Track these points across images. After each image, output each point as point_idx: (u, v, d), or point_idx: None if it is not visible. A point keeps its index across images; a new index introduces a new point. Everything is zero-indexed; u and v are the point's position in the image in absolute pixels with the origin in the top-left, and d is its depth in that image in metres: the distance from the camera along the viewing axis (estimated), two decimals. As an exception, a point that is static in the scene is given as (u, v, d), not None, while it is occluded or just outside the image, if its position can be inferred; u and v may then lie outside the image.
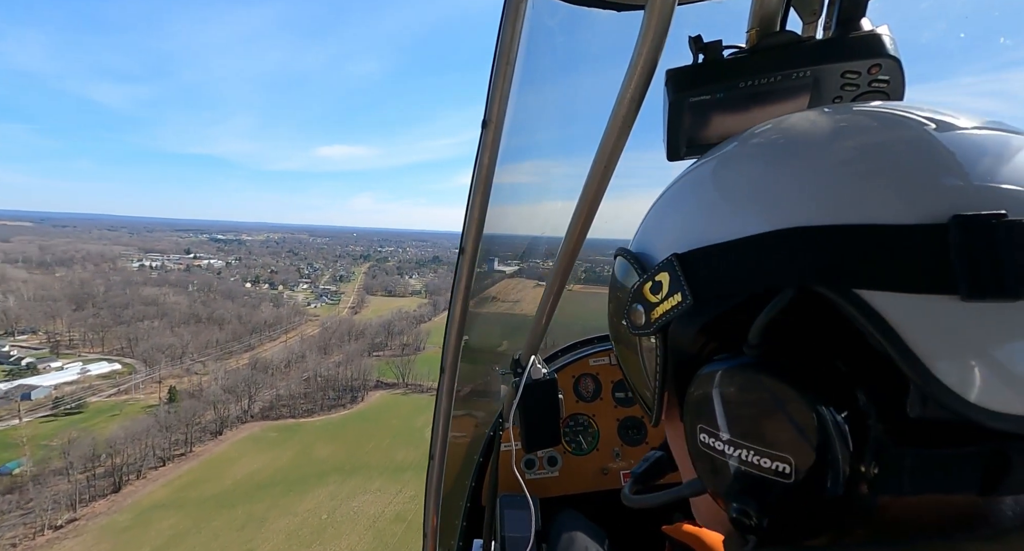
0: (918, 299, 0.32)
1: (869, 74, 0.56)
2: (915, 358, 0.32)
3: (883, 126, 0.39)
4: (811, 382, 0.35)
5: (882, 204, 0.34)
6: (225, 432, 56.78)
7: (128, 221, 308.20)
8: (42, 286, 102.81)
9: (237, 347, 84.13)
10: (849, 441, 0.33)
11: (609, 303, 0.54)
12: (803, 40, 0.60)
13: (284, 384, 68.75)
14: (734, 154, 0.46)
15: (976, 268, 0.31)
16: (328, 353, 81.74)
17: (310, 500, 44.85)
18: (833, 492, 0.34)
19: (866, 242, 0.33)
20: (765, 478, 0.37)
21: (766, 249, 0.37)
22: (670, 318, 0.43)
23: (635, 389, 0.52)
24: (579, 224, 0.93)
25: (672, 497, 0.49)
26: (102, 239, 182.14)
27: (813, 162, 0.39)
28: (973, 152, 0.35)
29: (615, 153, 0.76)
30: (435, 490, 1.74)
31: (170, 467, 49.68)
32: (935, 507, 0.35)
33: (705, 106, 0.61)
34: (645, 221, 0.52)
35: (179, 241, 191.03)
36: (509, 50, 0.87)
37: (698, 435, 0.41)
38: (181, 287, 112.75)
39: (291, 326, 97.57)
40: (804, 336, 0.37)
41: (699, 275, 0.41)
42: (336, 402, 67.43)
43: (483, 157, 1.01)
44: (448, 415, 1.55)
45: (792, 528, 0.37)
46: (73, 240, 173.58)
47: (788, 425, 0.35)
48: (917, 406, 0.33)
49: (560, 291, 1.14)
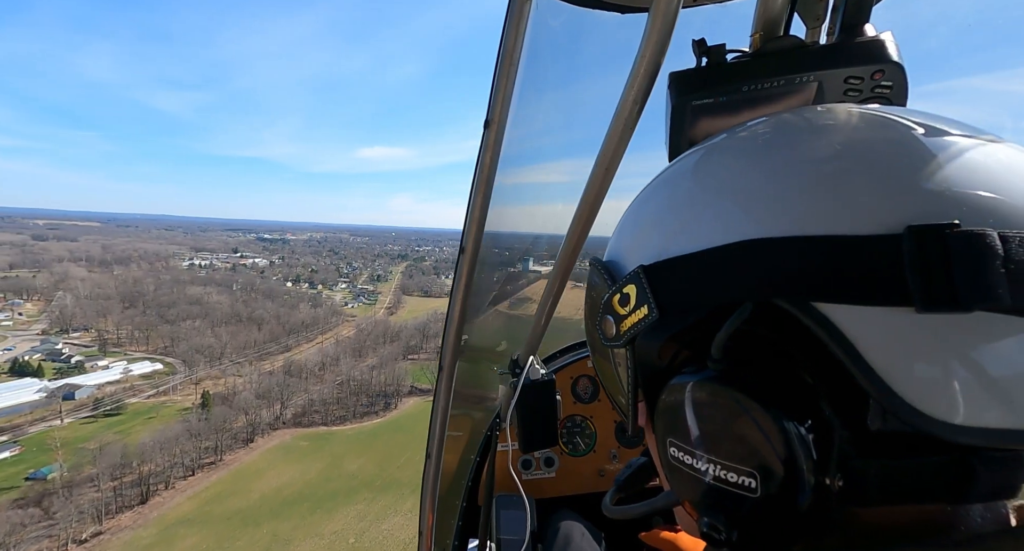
0: (875, 312, 0.32)
1: (872, 80, 0.56)
2: (872, 371, 0.32)
3: (844, 130, 0.39)
4: (774, 394, 0.35)
5: (838, 214, 0.34)
6: (256, 439, 55.14)
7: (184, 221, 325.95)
8: (98, 284, 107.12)
9: (274, 348, 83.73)
10: (813, 453, 0.33)
11: (585, 310, 0.54)
12: (807, 45, 0.60)
13: (317, 389, 66.95)
14: (695, 161, 0.46)
15: (929, 279, 0.30)
16: (362, 356, 79.88)
17: (338, 520, 41.88)
18: (800, 504, 0.34)
19: (823, 254, 0.33)
20: (732, 492, 0.36)
21: (726, 262, 0.37)
22: (638, 331, 0.43)
23: (611, 396, 0.53)
24: (580, 225, 0.93)
25: (648, 509, 0.49)
26: (159, 238, 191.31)
27: (770, 169, 0.38)
28: (931, 158, 0.34)
29: (617, 155, 0.77)
30: (431, 489, 1.73)
31: (199, 477, 48.17)
32: (906, 515, 0.35)
33: (708, 109, 0.61)
34: (616, 229, 0.52)
35: (228, 240, 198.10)
36: (512, 51, 0.87)
37: (668, 448, 0.41)
38: (225, 286, 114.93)
39: (327, 327, 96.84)
40: (767, 348, 0.37)
41: (664, 288, 0.41)
42: (369, 409, 64.97)
43: (484, 157, 1.02)
44: (446, 414, 1.55)
45: (762, 540, 0.37)
46: (133, 239, 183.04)
47: (751, 438, 0.35)
48: (878, 419, 0.33)
49: (560, 292, 1.15)
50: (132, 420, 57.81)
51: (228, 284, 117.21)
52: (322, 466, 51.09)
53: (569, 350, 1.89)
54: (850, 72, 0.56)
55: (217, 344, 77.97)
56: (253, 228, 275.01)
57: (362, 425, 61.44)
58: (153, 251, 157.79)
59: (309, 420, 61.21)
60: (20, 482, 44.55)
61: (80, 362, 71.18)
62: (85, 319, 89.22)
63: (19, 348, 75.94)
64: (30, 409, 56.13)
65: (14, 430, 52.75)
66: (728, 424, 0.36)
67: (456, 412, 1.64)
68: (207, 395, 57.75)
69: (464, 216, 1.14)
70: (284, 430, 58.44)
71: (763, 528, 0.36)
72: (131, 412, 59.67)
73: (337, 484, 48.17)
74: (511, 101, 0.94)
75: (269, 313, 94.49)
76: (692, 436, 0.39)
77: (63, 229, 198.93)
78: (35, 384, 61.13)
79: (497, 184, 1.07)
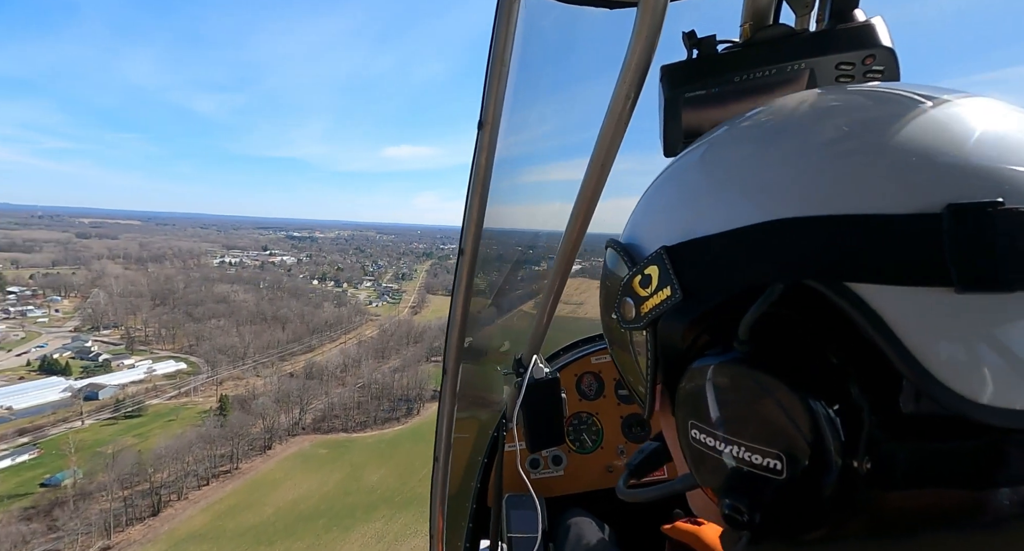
0: (911, 292, 0.31)
1: (864, 65, 0.56)
2: (908, 353, 0.31)
3: (875, 107, 0.38)
4: (802, 377, 0.34)
5: (873, 193, 0.33)
6: (274, 446, 53.02)
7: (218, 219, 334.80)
8: (132, 282, 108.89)
9: (297, 348, 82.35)
10: (841, 435, 0.33)
11: (600, 295, 0.53)
12: (797, 33, 0.60)
13: (338, 392, 64.68)
14: (721, 140, 0.45)
15: (971, 259, 0.29)
16: (385, 358, 77.45)
17: (354, 540, 38.95)
18: (826, 487, 0.33)
19: (857, 234, 0.32)
20: (756, 474, 0.36)
21: (755, 242, 0.36)
22: (660, 312, 0.42)
23: (628, 382, 0.52)
24: (577, 223, 0.93)
25: (665, 491, 0.48)
26: (194, 236, 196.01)
27: (801, 147, 0.38)
28: (969, 134, 0.33)
29: (611, 151, 0.76)
30: (440, 492, 1.74)
31: (214, 486, 46.18)
32: (932, 499, 0.34)
33: (701, 101, 0.61)
34: (635, 211, 0.51)
35: (259, 238, 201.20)
36: (503, 51, 0.87)
37: (689, 431, 0.40)
38: (252, 285, 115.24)
39: (351, 326, 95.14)
40: (795, 329, 0.36)
41: (688, 269, 0.40)
42: (390, 415, 62.25)
43: (480, 158, 1.02)
44: (451, 416, 1.55)
45: (786, 523, 0.36)
46: (169, 237, 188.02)
47: (779, 421, 0.34)
48: (911, 401, 0.33)
49: (560, 290, 1.15)
50: (152, 422, 56.76)
51: (255, 282, 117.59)
52: (341, 477, 48.43)
53: (572, 347, 1.88)
54: (841, 58, 0.56)
55: (240, 344, 77.02)
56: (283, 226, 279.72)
57: (383, 432, 58.73)
58: (187, 249, 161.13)
59: (329, 426, 58.89)
60: (35, 488, 43.52)
61: (107, 360, 71.25)
62: (116, 316, 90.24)
63: (51, 345, 76.97)
64: (52, 409, 55.73)
65: (36, 431, 52.24)
66: (754, 406, 0.36)
67: (462, 414, 1.64)
68: (225, 399, 56.07)
69: (462, 218, 1.15)
70: (303, 436, 56.22)
71: (787, 511, 0.36)
72: (152, 413, 58.74)
73: (355, 498, 45.35)
74: (504, 102, 0.94)
75: (293, 312, 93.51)
76: (716, 419, 0.38)
77: (106, 227, 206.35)
78: (61, 383, 61.05)
79: (494, 184, 1.07)
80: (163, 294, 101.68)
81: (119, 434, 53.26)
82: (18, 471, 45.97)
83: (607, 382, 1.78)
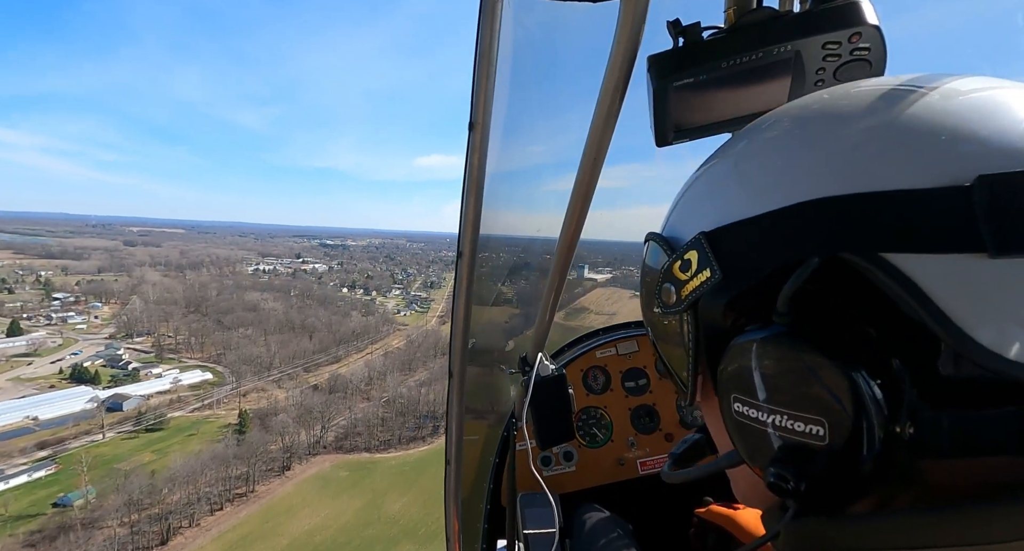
0: (946, 259, 0.32)
1: (850, 43, 0.56)
2: (948, 319, 0.32)
3: (897, 97, 0.39)
4: (842, 348, 0.35)
5: (905, 169, 0.34)
6: (293, 466, 50.04)
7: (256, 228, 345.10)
8: (168, 289, 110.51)
9: (322, 359, 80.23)
10: (882, 403, 0.33)
11: (640, 289, 0.54)
12: (781, 15, 0.60)
13: (362, 407, 61.53)
14: (753, 132, 0.46)
15: (1004, 224, 0.30)
16: (411, 370, 74.17)
17: (372, 582, 34.86)
18: (870, 455, 0.33)
19: (891, 208, 0.33)
20: (801, 442, 0.37)
21: (790, 222, 0.37)
22: (700, 294, 0.43)
23: (670, 369, 0.53)
24: (574, 218, 0.94)
25: (710, 470, 0.49)
26: (232, 244, 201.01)
27: (832, 130, 0.39)
28: (994, 110, 0.35)
29: (603, 144, 0.77)
30: (454, 494, 1.74)
31: (228, 512, 43.34)
32: (978, 471, 0.34)
33: (689, 89, 0.61)
34: (673, 207, 0.52)
35: (293, 246, 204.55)
36: (489, 51, 0.87)
37: (732, 405, 0.41)
38: (283, 292, 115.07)
39: (378, 337, 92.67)
40: (832, 303, 0.37)
41: (726, 250, 0.42)
42: (415, 433, 58.56)
43: (472, 159, 1.01)
44: (461, 419, 1.56)
45: (831, 494, 0.37)
46: (209, 245, 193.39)
47: (820, 390, 0.35)
48: (950, 367, 0.33)
49: (561, 286, 1.15)
50: (172, 436, 54.97)
51: (286, 290, 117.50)
52: (361, 505, 44.75)
53: (576, 343, 1.89)
54: (827, 38, 0.56)
55: (266, 355, 75.44)
56: (317, 234, 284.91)
57: (407, 452, 54.98)
58: (224, 256, 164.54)
59: (351, 444, 55.62)
60: (47, 508, 41.78)
61: (136, 369, 70.86)
62: (149, 324, 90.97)
63: (85, 352, 77.62)
64: (75, 421, 54.73)
65: (57, 444, 51.13)
66: (795, 376, 0.37)
67: (471, 416, 1.62)
68: (245, 415, 53.65)
69: (459, 220, 1.14)
70: (324, 455, 53.08)
71: (832, 480, 0.36)
72: (173, 427, 57.08)
73: (376, 530, 41.50)
74: (493, 101, 0.94)
75: (321, 321, 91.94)
76: (759, 391, 0.39)
77: (152, 235, 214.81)
78: (87, 393, 60.41)
79: (488, 185, 1.06)
80: (196, 301, 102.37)
81: (138, 449, 51.55)
82: (32, 489, 44.56)
83: (613, 375, 1.79)
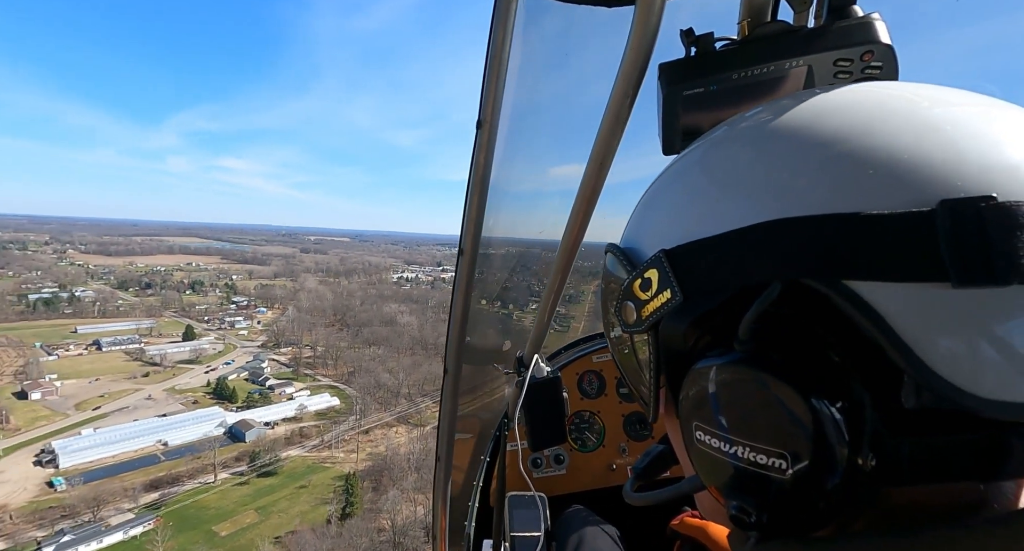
0: (908, 288, 0.31)
1: (862, 61, 0.56)
2: (907, 348, 0.31)
3: (868, 108, 0.38)
4: (804, 375, 0.34)
5: (868, 192, 0.33)
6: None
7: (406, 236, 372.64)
8: (320, 296, 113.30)
9: (453, 390, 68.51)
10: (845, 433, 0.33)
11: (601, 299, 0.53)
12: (795, 29, 0.60)
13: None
14: (716, 143, 0.45)
15: (966, 254, 0.29)
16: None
17: None
18: (832, 485, 0.33)
19: (853, 232, 0.32)
20: (762, 474, 0.36)
21: (752, 243, 0.36)
22: (660, 315, 0.42)
23: (631, 385, 0.52)
24: (577, 221, 0.93)
25: (672, 494, 0.48)
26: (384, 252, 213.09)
27: (796, 148, 0.38)
28: (960, 131, 0.33)
29: (610, 149, 0.76)
30: (443, 492, 1.75)
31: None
32: (938, 494, 0.34)
33: (699, 99, 0.60)
34: (633, 215, 0.51)
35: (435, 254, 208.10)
36: (501, 50, 0.87)
37: (694, 432, 0.40)
38: (420, 304, 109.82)
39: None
40: (795, 328, 0.36)
41: (687, 271, 0.40)
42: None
43: (479, 158, 1.02)
44: (453, 416, 1.57)
45: (793, 522, 0.36)
46: (365, 252, 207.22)
47: (782, 420, 0.34)
48: (912, 396, 0.32)
49: (561, 289, 1.16)
50: (283, 486, 46.93)
51: (423, 301, 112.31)
52: None
53: (573, 346, 1.90)
54: (839, 54, 0.56)
55: (393, 382, 66.49)
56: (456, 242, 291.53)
57: None
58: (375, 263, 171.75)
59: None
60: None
61: (271, 387, 67.44)
62: (294, 334, 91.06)
63: (237, 362, 78.33)
64: (197, 452, 50.12)
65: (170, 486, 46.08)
66: (757, 406, 0.36)
67: (464, 414, 1.63)
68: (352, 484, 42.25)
69: (461, 218, 1.17)
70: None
71: (794, 510, 0.36)
72: (287, 472, 49.42)
73: None
74: (503, 101, 0.95)
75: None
76: (719, 419, 0.38)
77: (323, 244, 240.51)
78: (218, 416, 56.89)
79: (493, 184, 1.08)
80: (342, 310, 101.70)
81: (244, 503, 44.03)
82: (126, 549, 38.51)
83: (608, 380, 1.80)
